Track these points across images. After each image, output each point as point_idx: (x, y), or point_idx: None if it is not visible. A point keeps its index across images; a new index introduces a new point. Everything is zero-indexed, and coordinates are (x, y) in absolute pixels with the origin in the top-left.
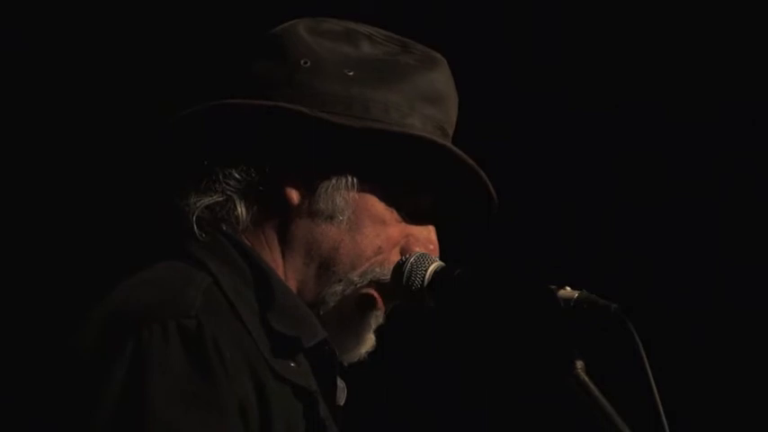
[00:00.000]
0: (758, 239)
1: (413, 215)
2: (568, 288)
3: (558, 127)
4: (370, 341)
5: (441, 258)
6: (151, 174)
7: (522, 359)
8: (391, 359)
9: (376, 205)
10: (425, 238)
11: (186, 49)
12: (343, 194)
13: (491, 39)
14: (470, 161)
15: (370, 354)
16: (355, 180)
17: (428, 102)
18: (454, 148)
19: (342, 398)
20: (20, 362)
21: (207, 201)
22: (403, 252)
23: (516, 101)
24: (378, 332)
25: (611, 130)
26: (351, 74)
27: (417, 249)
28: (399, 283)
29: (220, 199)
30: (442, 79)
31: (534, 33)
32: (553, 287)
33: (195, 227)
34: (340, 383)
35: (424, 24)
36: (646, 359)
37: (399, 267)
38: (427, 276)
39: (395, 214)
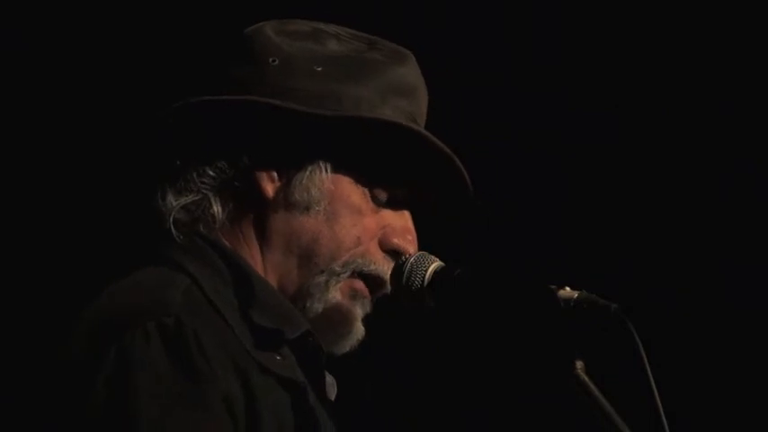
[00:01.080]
0: (758, 239)
1: (389, 205)
2: (568, 288)
3: (558, 127)
4: (360, 330)
5: (440, 258)
6: (129, 176)
7: (522, 359)
8: (391, 359)
9: (351, 195)
10: (402, 227)
11: (159, 51)
12: (317, 185)
13: (491, 39)
14: (444, 147)
15: (370, 354)
16: (329, 170)
17: (399, 95)
18: (427, 133)
19: (332, 393)
20: (8, 367)
21: (183, 201)
22: (381, 243)
23: (516, 101)
24: (377, 332)
25: (612, 130)
26: (320, 69)
27: (395, 240)
28: (399, 283)
29: (196, 198)
30: (411, 73)
31: (534, 33)
32: (553, 287)
33: (173, 229)
34: (329, 379)
35: (424, 24)
36: (646, 359)
37: (399, 267)
38: (427, 276)
39: (370, 204)
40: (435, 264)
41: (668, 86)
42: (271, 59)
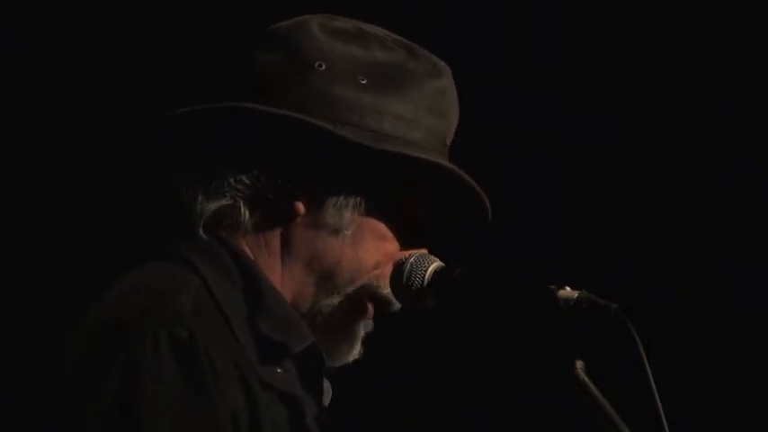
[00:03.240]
0: (758, 239)
1: (409, 228)
2: (568, 288)
3: (558, 127)
4: (358, 348)
5: (440, 258)
6: (156, 171)
7: (522, 359)
8: (391, 359)
9: (380, 222)
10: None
11: (192, 43)
12: (350, 211)
13: (491, 39)
14: (475, 185)
15: (371, 354)
16: (364, 197)
17: (433, 113)
18: (463, 175)
19: (326, 399)
20: (14, 367)
21: (215, 205)
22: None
23: (516, 101)
24: (377, 332)
25: (612, 130)
26: (363, 82)
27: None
28: (399, 283)
29: (227, 203)
30: (446, 89)
31: (534, 33)
32: (553, 287)
33: (201, 231)
34: (325, 384)
35: (424, 24)
36: (646, 359)
37: (399, 267)
38: (427, 276)
39: (393, 229)
40: (435, 264)
41: (668, 86)
42: (317, 63)
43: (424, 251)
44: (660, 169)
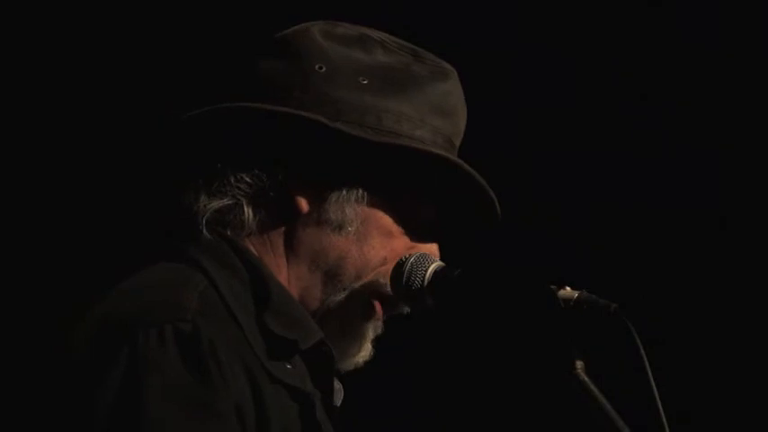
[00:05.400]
0: (758, 240)
1: (417, 226)
2: (568, 288)
3: (558, 127)
4: (368, 350)
5: (441, 259)
6: (159, 173)
7: (521, 359)
8: (391, 359)
9: (384, 217)
10: (428, 249)
11: (196, 47)
12: (353, 205)
13: (489, 38)
14: (480, 179)
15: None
16: (366, 191)
17: (438, 114)
18: (467, 167)
19: (338, 399)
20: (17, 364)
21: (216, 204)
22: None
23: (516, 101)
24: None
25: (610, 131)
26: (365, 82)
27: None
28: (399, 283)
29: (229, 202)
30: (452, 91)
31: (535, 34)
32: (553, 287)
33: (204, 230)
34: (336, 384)
35: (424, 24)
36: (646, 359)
37: (399, 267)
38: (427, 276)
39: (400, 226)
40: (435, 264)
41: (667, 86)
42: (317, 66)
43: (428, 250)
44: (660, 169)
